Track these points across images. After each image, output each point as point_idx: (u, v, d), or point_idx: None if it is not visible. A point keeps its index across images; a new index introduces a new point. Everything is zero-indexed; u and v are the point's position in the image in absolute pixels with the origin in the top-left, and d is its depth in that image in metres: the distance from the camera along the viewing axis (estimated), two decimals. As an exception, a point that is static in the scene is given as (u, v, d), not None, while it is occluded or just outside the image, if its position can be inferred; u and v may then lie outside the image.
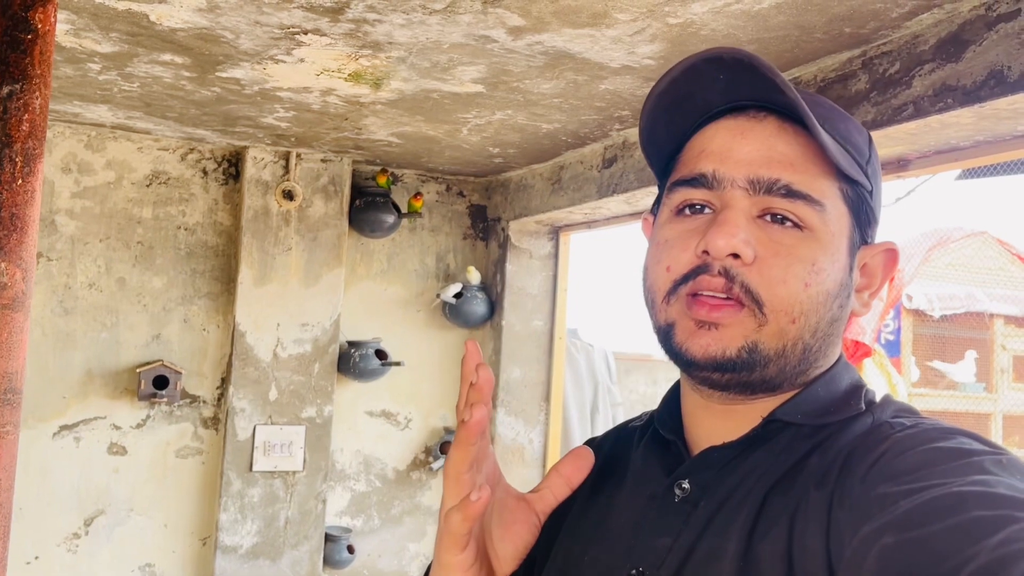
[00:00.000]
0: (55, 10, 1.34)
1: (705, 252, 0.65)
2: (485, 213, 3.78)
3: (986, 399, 5.90)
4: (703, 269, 0.66)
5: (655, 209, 0.76)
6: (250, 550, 3.21)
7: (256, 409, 3.23)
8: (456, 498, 0.63)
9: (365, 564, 3.52)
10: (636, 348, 6.45)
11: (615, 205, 2.97)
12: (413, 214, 3.50)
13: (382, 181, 3.38)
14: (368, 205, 3.40)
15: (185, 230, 3.28)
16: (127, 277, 3.20)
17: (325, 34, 1.93)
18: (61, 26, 1.95)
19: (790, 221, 0.66)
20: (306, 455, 3.29)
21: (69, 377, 3.11)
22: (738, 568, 0.61)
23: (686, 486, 0.69)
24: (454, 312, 3.55)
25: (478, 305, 3.55)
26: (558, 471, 0.68)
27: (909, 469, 0.56)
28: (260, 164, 3.26)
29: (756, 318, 0.65)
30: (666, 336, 0.68)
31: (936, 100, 1.67)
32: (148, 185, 3.23)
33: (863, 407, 0.67)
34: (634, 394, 6.41)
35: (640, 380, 6.58)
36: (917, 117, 1.71)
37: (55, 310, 3.10)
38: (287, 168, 3.28)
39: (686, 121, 0.71)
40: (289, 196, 3.28)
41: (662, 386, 6.37)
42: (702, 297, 0.66)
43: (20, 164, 1.29)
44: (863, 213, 0.69)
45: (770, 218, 0.66)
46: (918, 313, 5.69)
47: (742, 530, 0.62)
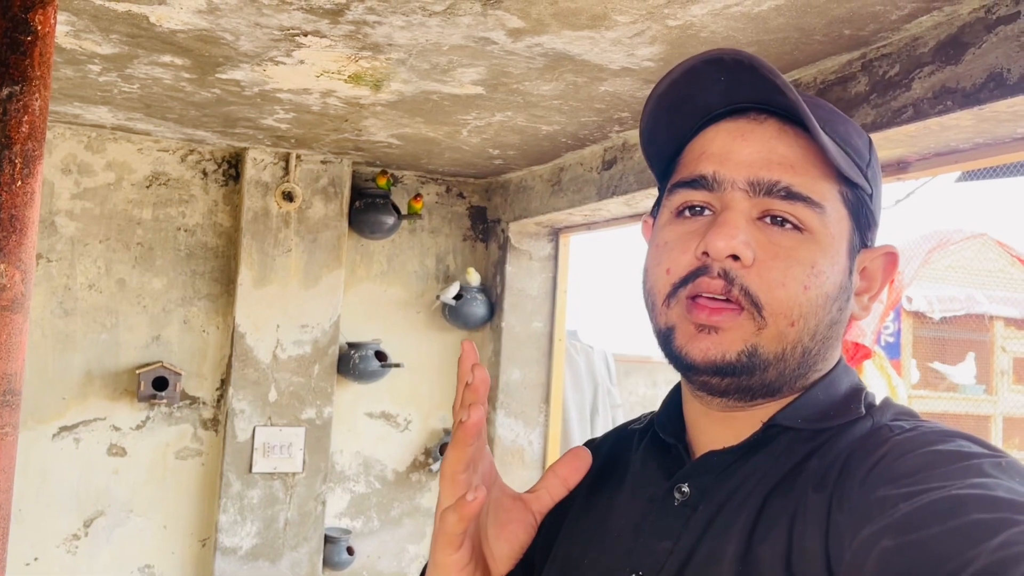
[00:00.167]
0: (55, 12, 1.34)
1: (705, 254, 0.65)
2: (485, 215, 3.78)
3: (986, 401, 5.90)
4: (702, 271, 0.65)
5: (655, 211, 0.76)
6: (249, 551, 3.21)
7: (256, 410, 3.23)
8: (452, 498, 0.63)
9: (364, 565, 3.52)
10: (636, 350, 6.45)
11: (615, 207, 2.97)
12: (413, 215, 3.50)
13: (382, 183, 3.38)
14: (368, 206, 3.40)
15: (185, 231, 3.28)
16: (127, 278, 3.20)
17: (325, 36, 1.94)
18: (61, 27, 1.95)
19: (790, 223, 0.66)
20: (306, 456, 3.29)
21: (69, 378, 3.11)
22: (737, 571, 0.61)
23: (686, 489, 0.68)
24: (454, 313, 3.55)
25: (478, 307, 3.55)
26: (555, 471, 0.68)
27: (908, 472, 0.56)
28: (260, 165, 3.26)
29: (755, 321, 0.64)
30: (666, 340, 0.68)
31: (936, 102, 1.67)
32: (148, 186, 3.23)
33: (863, 411, 0.67)
34: (634, 396, 6.41)
35: (640, 382, 6.58)
36: (917, 119, 1.71)
37: (55, 311, 3.10)
38: (287, 169, 3.28)
39: (686, 123, 0.71)
40: (289, 197, 3.28)
41: (662, 388, 6.36)
42: (701, 300, 0.65)
43: (19, 165, 1.29)
44: (863, 216, 0.69)
45: (770, 220, 0.66)
46: (918, 315, 5.69)
47: (741, 533, 0.62)
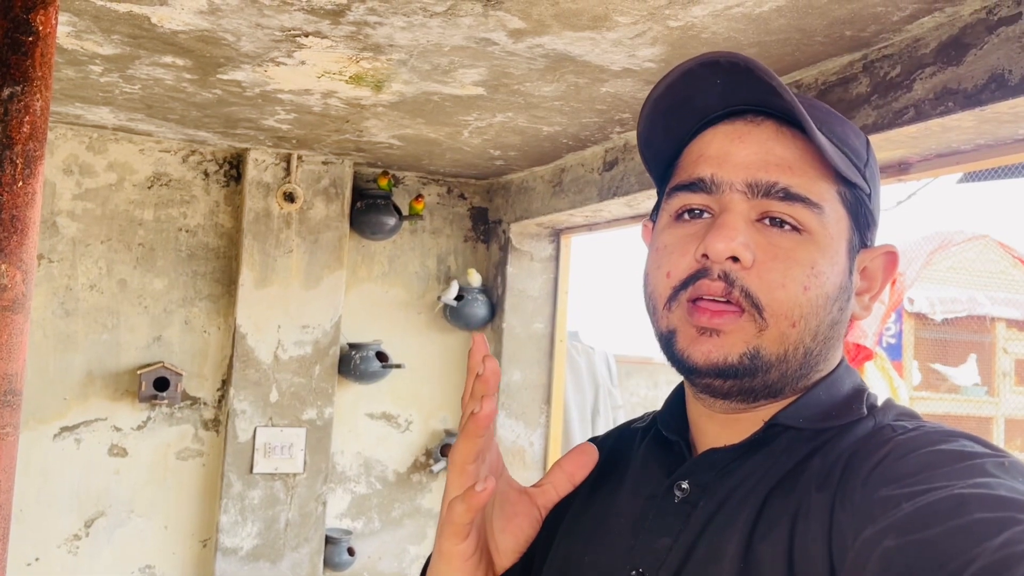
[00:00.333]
0: (56, 12, 1.34)
1: (704, 256, 0.65)
2: (486, 215, 3.78)
3: (988, 403, 5.90)
4: (702, 273, 0.66)
5: (654, 216, 0.76)
6: (250, 552, 3.21)
7: (257, 411, 3.23)
8: (460, 488, 0.64)
9: (365, 566, 3.52)
10: (637, 351, 6.45)
11: (616, 208, 2.97)
12: (414, 216, 3.50)
13: (383, 183, 3.38)
14: (369, 207, 3.40)
15: (186, 232, 3.28)
16: (128, 279, 3.20)
17: (326, 36, 1.94)
18: (62, 28, 1.96)
19: (788, 224, 0.66)
20: (306, 457, 3.29)
21: (70, 379, 3.11)
22: (738, 569, 0.61)
23: (685, 487, 0.69)
24: (455, 314, 3.55)
25: (479, 307, 3.55)
26: (561, 467, 0.69)
27: (911, 472, 0.56)
28: (261, 166, 3.26)
29: (756, 323, 0.65)
30: (668, 343, 0.68)
31: (937, 103, 1.67)
32: (149, 187, 3.24)
33: (865, 411, 0.67)
34: (635, 397, 6.41)
35: (641, 383, 6.58)
36: (918, 120, 1.71)
37: (56, 312, 3.10)
38: (288, 170, 3.29)
39: (683, 126, 0.71)
40: (290, 198, 3.28)
41: (663, 389, 6.36)
42: (702, 303, 0.66)
43: (21, 166, 1.29)
44: (862, 216, 0.69)
45: (768, 222, 0.66)
46: (920, 316, 5.69)
47: (742, 531, 0.63)
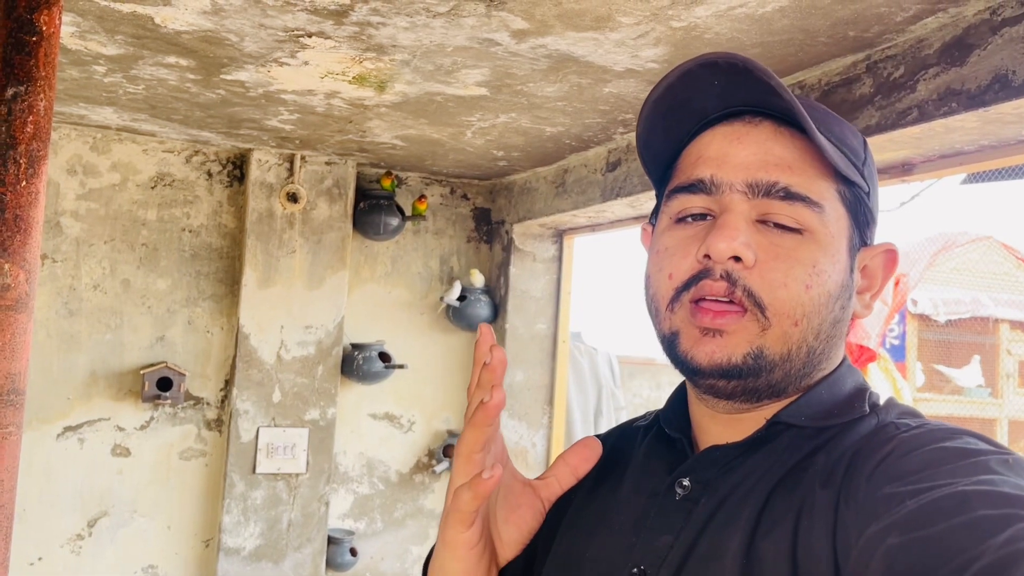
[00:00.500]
0: (60, 12, 1.34)
1: (706, 256, 0.65)
2: (489, 216, 3.78)
3: (991, 404, 5.89)
4: (705, 274, 0.66)
5: (653, 219, 0.76)
6: (253, 552, 3.21)
7: (259, 411, 3.24)
8: (466, 476, 0.64)
9: (368, 567, 3.52)
10: (640, 352, 6.45)
11: (619, 208, 2.97)
12: (417, 217, 3.50)
13: (387, 184, 3.38)
14: (372, 208, 3.40)
15: (189, 232, 3.29)
16: (131, 279, 3.20)
17: (329, 37, 1.94)
18: (66, 28, 1.96)
19: (789, 224, 0.66)
20: (309, 457, 3.29)
21: (73, 379, 3.12)
22: (740, 566, 0.61)
23: (687, 484, 0.69)
24: (457, 315, 3.55)
25: (481, 308, 3.55)
26: (565, 460, 0.69)
27: (915, 469, 0.56)
28: (264, 166, 3.27)
29: (759, 323, 0.65)
30: (671, 345, 0.68)
31: (941, 104, 1.66)
32: (153, 187, 3.24)
33: (867, 409, 0.67)
34: (638, 398, 6.40)
35: (644, 384, 6.57)
36: (922, 121, 1.70)
37: (59, 312, 3.10)
38: (291, 171, 3.29)
39: (682, 128, 0.72)
40: (293, 198, 3.28)
41: (666, 390, 6.36)
42: (705, 304, 0.66)
43: (24, 166, 1.30)
44: (861, 214, 0.70)
45: (770, 222, 0.66)
46: (923, 318, 5.68)
47: (745, 528, 0.62)
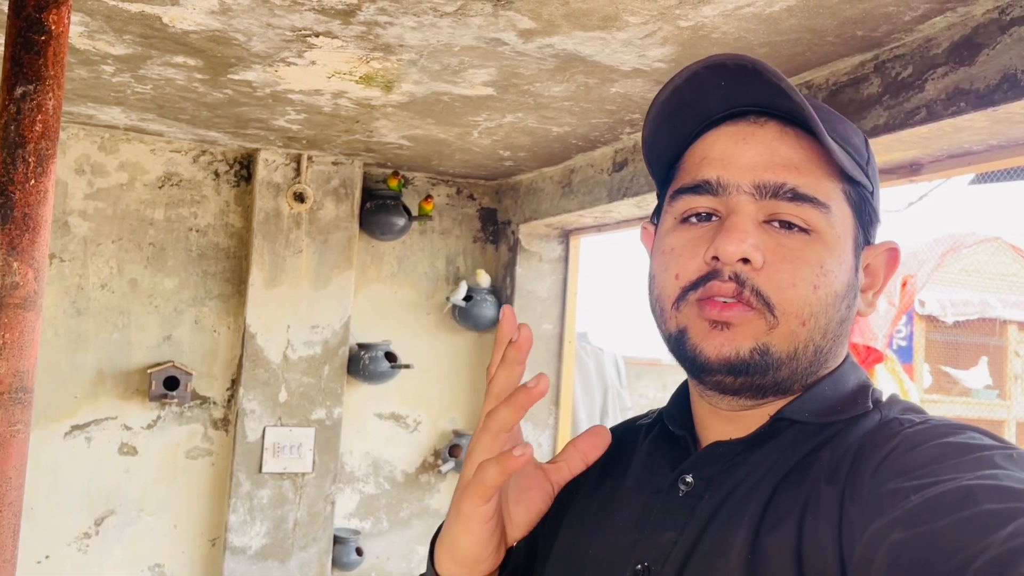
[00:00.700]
0: (69, 12, 1.35)
1: (715, 258, 0.65)
2: (495, 216, 3.78)
3: (999, 406, 5.86)
4: (713, 275, 0.66)
5: (655, 218, 0.76)
6: (259, 551, 3.22)
7: (266, 411, 3.24)
8: (490, 452, 0.64)
9: (373, 566, 3.52)
10: (646, 352, 6.44)
11: (625, 209, 2.97)
12: (423, 217, 3.50)
13: (393, 184, 3.38)
14: (379, 208, 3.40)
15: (197, 232, 3.30)
16: (139, 278, 3.21)
17: (336, 37, 1.94)
18: (75, 28, 1.97)
19: (797, 225, 0.66)
20: (315, 457, 3.29)
21: (81, 377, 3.13)
22: (745, 561, 0.61)
23: (690, 480, 0.69)
24: (464, 315, 3.55)
25: (487, 308, 3.55)
26: (575, 446, 0.69)
27: (919, 464, 0.56)
28: (271, 166, 3.27)
29: (767, 320, 0.65)
30: (678, 342, 0.68)
31: (949, 104, 1.66)
32: (160, 187, 3.25)
33: (870, 405, 0.68)
34: (644, 398, 6.40)
35: (650, 384, 6.57)
36: (930, 121, 1.70)
37: (67, 311, 3.11)
38: (298, 170, 3.29)
39: (686, 128, 0.72)
40: (300, 198, 3.29)
41: (672, 390, 6.33)
42: (713, 299, 0.66)
43: (33, 164, 1.30)
44: (866, 214, 0.70)
45: (777, 223, 0.66)
46: (931, 319, 5.66)
47: (749, 524, 0.63)
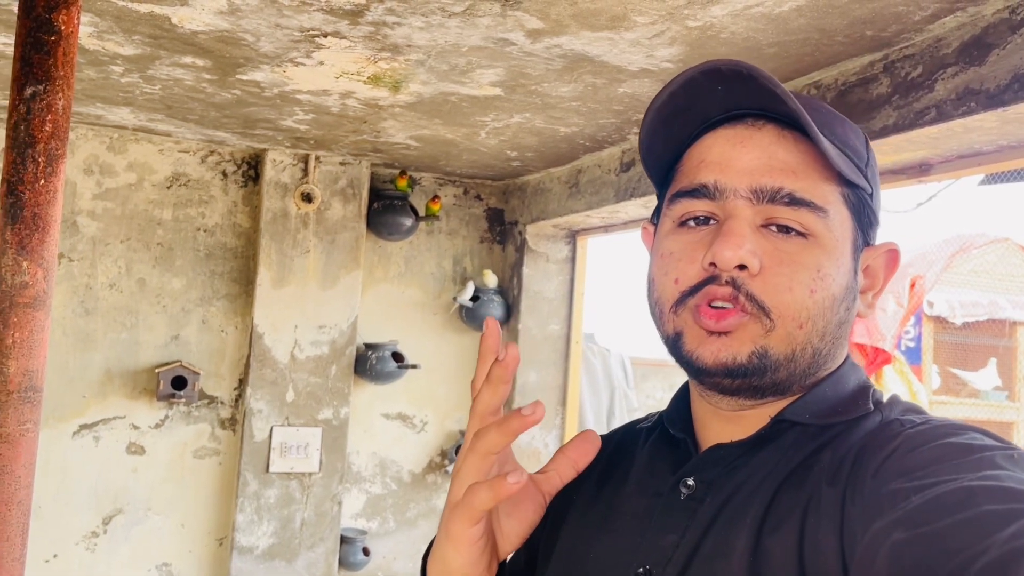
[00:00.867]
0: (79, 12, 1.35)
1: (712, 264, 0.66)
2: (502, 216, 3.78)
3: (1008, 407, 5.83)
4: (711, 280, 0.66)
5: (655, 218, 0.76)
6: (266, 551, 3.22)
7: (273, 410, 3.25)
8: (479, 475, 0.63)
9: (380, 566, 3.53)
10: (653, 353, 6.42)
11: (633, 209, 2.97)
12: (430, 217, 3.51)
13: (402, 184, 3.39)
14: (386, 208, 3.41)
15: (204, 232, 3.30)
16: (147, 278, 3.22)
17: (345, 37, 1.94)
18: (84, 28, 1.97)
19: (794, 230, 0.66)
20: (322, 457, 3.30)
21: (89, 377, 3.14)
22: (747, 564, 0.61)
23: (691, 483, 0.69)
24: (470, 315, 3.55)
25: (494, 308, 3.55)
26: (565, 453, 0.68)
27: (920, 465, 0.56)
28: (279, 167, 3.28)
29: (763, 324, 0.65)
30: (675, 345, 0.69)
31: (959, 104, 1.65)
32: (168, 187, 3.26)
33: (871, 406, 0.68)
34: (651, 399, 6.38)
35: (657, 385, 6.55)
36: (940, 121, 1.69)
37: (76, 310, 3.13)
38: (306, 171, 3.30)
39: (684, 131, 0.72)
40: (308, 198, 3.29)
41: (679, 391, 6.31)
42: (708, 308, 0.66)
43: (43, 164, 1.31)
44: (864, 216, 0.70)
45: (774, 227, 0.66)
46: (939, 320, 5.64)
47: (751, 526, 0.63)
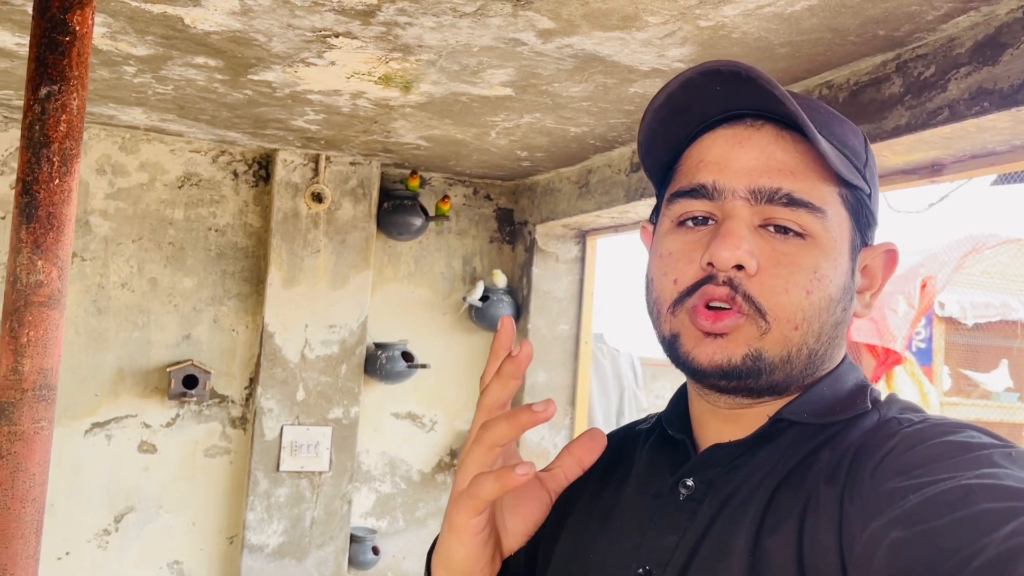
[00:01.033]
0: (93, 13, 1.36)
1: (710, 264, 0.66)
2: (512, 216, 3.78)
3: (1020, 409, 5.79)
4: (708, 280, 0.66)
5: (654, 218, 0.77)
6: (276, 549, 3.23)
7: (284, 409, 3.26)
8: (484, 466, 0.63)
9: (390, 565, 3.53)
10: (662, 353, 6.40)
11: (643, 209, 2.96)
12: (440, 217, 3.51)
13: (413, 184, 3.39)
14: (396, 208, 3.41)
15: (216, 231, 3.32)
16: (158, 277, 3.24)
17: (356, 37, 1.95)
18: (98, 29, 1.98)
19: (792, 230, 0.66)
20: (332, 456, 3.31)
21: (101, 376, 3.16)
22: (747, 564, 0.61)
23: (690, 484, 0.69)
24: (480, 315, 3.56)
25: (504, 308, 3.55)
26: (570, 451, 0.68)
27: (918, 463, 0.56)
28: (290, 166, 3.29)
29: (759, 326, 0.65)
30: (671, 346, 0.69)
31: (972, 104, 1.64)
32: (180, 187, 3.27)
33: (869, 405, 0.68)
34: (660, 399, 6.37)
35: (666, 386, 6.54)
36: (952, 121, 1.68)
37: (88, 309, 3.14)
38: (316, 171, 3.31)
39: (683, 131, 0.72)
40: (318, 198, 3.30)
41: (688, 392, 6.29)
42: (705, 310, 0.66)
43: (57, 164, 1.32)
44: (863, 216, 0.70)
45: (772, 228, 0.67)
46: (951, 321, 5.60)
47: (750, 526, 0.63)
